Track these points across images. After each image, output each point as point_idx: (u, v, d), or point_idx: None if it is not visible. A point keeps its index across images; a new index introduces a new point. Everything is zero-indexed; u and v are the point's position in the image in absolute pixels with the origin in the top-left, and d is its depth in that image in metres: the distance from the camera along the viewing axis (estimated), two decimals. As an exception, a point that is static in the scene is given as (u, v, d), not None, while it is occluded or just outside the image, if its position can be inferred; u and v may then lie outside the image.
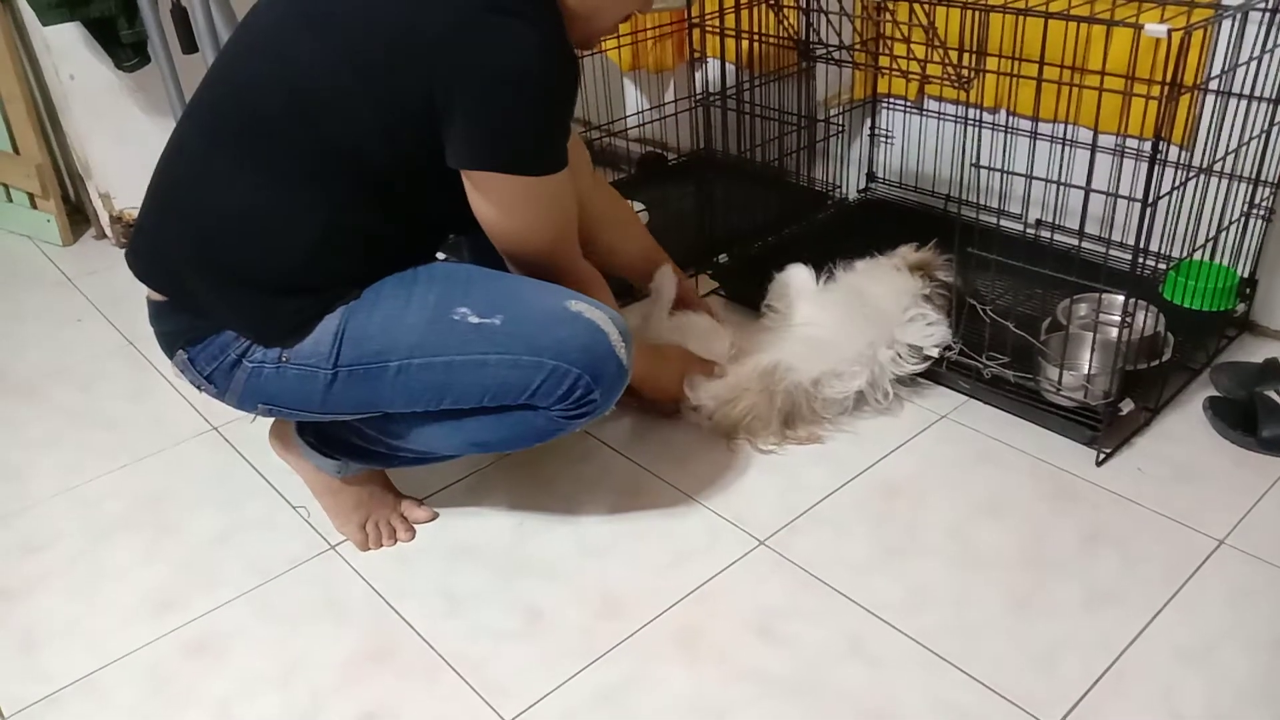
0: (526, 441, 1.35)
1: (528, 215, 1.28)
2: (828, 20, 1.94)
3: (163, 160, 1.30)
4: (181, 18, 1.95)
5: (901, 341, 1.69)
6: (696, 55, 2.03)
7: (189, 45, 1.97)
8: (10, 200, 2.55)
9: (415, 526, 1.53)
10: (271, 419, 1.49)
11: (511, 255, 1.34)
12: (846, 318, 1.68)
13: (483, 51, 1.15)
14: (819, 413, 1.65)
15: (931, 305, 1.72)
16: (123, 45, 2.25)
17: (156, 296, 1.32)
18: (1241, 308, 1.82)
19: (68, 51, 2.29)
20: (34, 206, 2.51)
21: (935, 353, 1.69)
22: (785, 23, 1.97)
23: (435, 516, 1.54)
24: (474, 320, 1.24)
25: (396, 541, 1.50)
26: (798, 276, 1.76)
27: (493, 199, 1.25)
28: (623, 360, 1.28)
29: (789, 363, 1.61)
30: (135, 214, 2.46)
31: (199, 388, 1.33)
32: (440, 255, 1.46)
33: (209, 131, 1.26)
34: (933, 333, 1.69)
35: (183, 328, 1.30)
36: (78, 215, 2.59)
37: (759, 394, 1.61)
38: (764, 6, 1.90)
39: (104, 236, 2.54)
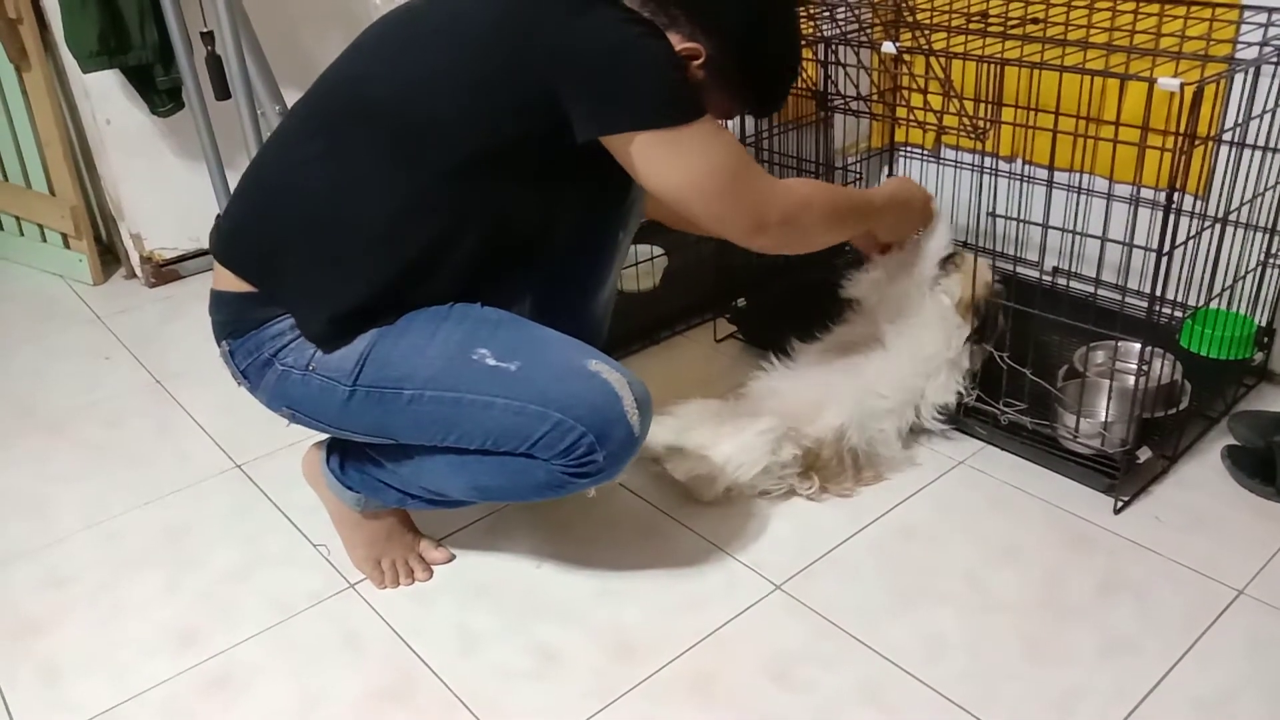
0: (529, 493, 1.33)
1: (689, 169, 1.27)
2: (845, 72, 1.98)
3: (268, 146, 1.38)
4: (216, 66, 2.01)
5: (928, 401, 1.69)
6: (716, 104, 2.07)
7: (222, 92, 2.03)
8: (44, 240, 2.61)
9: (432, 567, 1.54)
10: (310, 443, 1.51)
11: (697, 215, 1.32)
12: (862, 362, 1.70)
13: (578, 32, 1.21)
14: (879, 452, 1.67)
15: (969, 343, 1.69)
16: (158, 91, 2.31)
17: (226, 285, 1.34)
18: (1259, 356, 1.82)
19: (105, 97, 2.36)
20: (67, 246, 2.57)
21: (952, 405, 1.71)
22: (804, 74, 2.00)
23: (452, 558, 1.55)
24: (491, 363, 1.25)
25: (414, 581, 1.52)
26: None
27: (646, 162, 1.26)
28: (634, 427, 1.26)
29: (854, 417, 1.63)
30: (165, 254, 2.54)
31: (239, 383, 1.37)
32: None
33: (311, 117, 1.33)
34: (951, 385, 1.69)
35: (230, 318, 1.34)
36: (108, 255, 2.65)
37: (832, 447, 1.61)
38: (783, 57, 1.93)
39: (134, 276, 2.59)
